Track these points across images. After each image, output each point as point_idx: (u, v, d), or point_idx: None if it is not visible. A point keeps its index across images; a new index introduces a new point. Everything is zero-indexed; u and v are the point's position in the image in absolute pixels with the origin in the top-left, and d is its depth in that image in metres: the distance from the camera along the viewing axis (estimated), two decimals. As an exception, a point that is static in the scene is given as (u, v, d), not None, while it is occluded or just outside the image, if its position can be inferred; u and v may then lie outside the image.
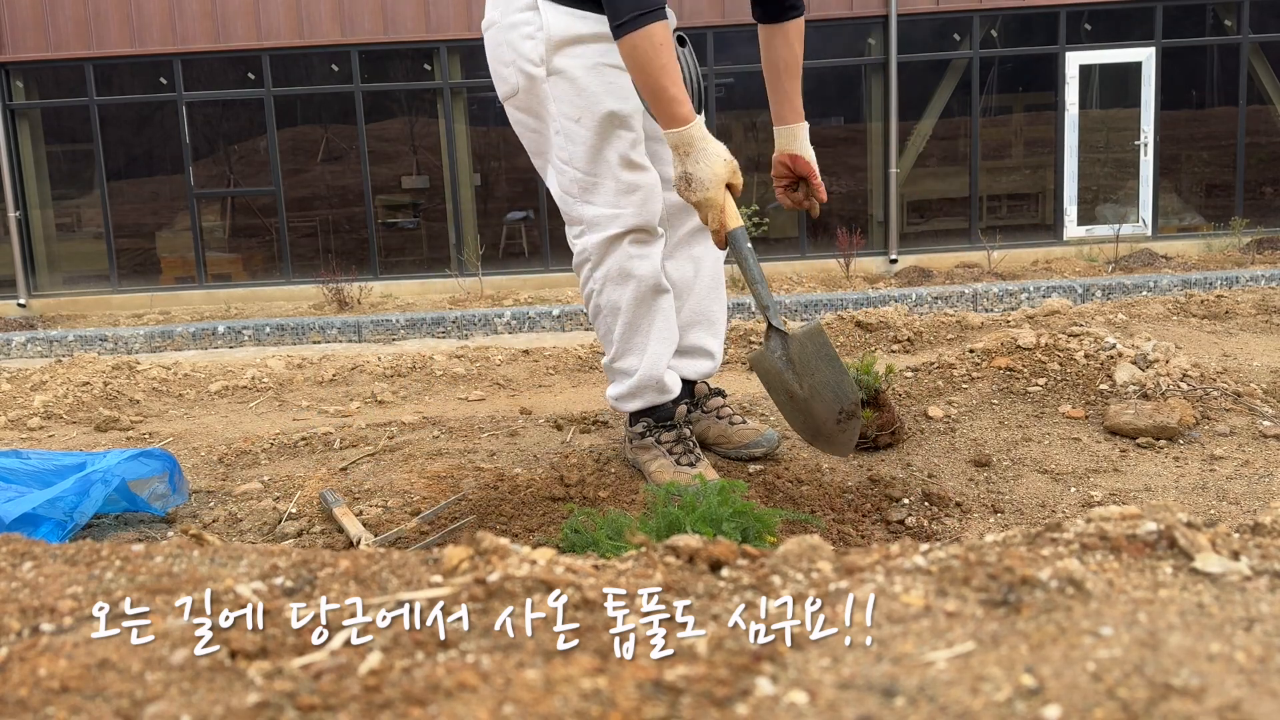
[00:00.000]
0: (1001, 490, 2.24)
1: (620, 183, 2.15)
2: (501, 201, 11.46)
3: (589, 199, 2.18)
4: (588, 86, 2.11)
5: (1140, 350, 2.94)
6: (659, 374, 2.30)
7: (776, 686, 0.69)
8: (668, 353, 2.32)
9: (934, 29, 10.84)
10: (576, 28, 2.10)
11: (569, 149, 2.16)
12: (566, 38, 2.11)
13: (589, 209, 2.18)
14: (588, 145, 2.13)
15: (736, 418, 2.39)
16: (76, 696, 0.70)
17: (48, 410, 3.58)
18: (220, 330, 8.38)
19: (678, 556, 0.90)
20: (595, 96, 2.11)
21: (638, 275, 2.21)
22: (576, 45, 2.11)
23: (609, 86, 2.11)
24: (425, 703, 0.68)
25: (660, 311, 2.29)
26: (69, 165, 11.47)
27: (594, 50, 2.11)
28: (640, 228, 2.18)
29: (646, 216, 2.17)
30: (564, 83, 2.13)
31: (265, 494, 2.36)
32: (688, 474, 2.20)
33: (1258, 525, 0.97)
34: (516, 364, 4.26)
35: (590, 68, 2.11)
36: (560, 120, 2.15)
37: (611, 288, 2.24)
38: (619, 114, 2.12)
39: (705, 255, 2.34)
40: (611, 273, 2.22)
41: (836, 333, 4.40)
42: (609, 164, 2.14)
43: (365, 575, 0.88)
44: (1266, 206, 11.24)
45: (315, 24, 10.61)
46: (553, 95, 2.15)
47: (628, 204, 2.15)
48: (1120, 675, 0.66)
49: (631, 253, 2.19)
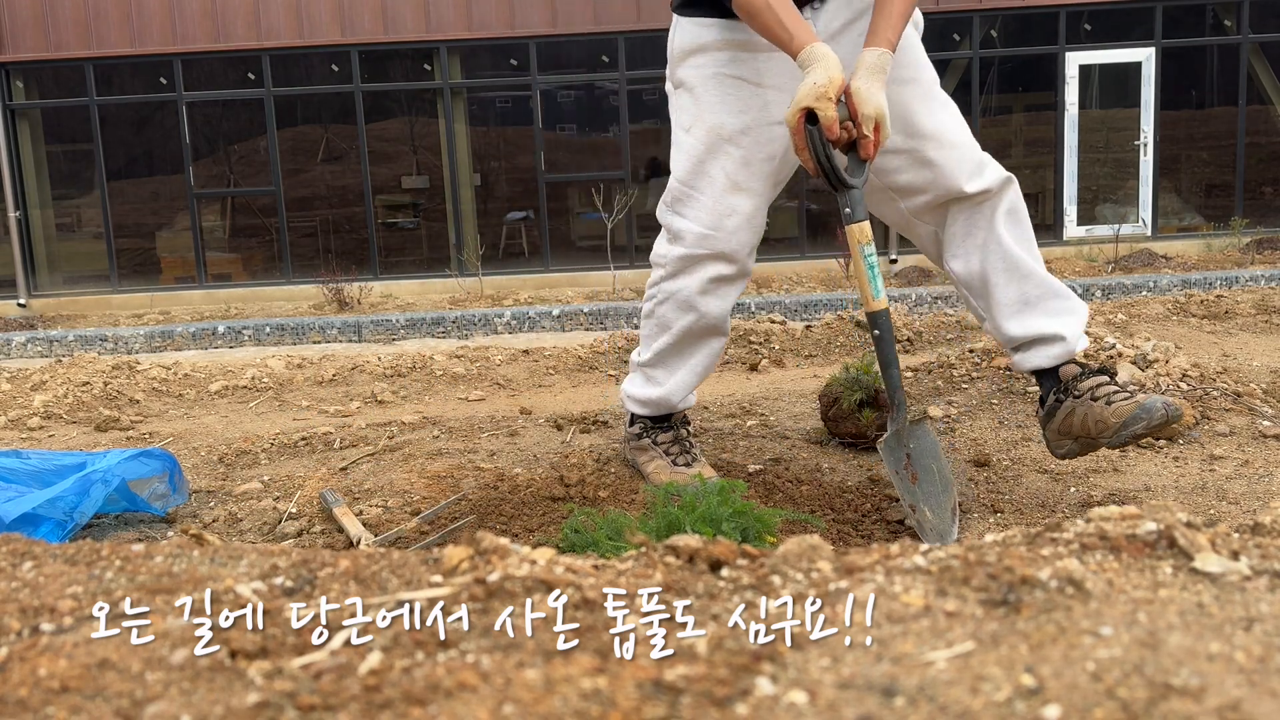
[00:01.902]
0: (1001, 490, 2.24)
1: (718, 202, 2.10)
2: (501, 201, 11.46)
3: (681, 210, 2.14)
4: (703, 96, 2.09)
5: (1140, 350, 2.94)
6: (676, 400, 2.31)
7: (776, 686, 0.69)
8: (694, 384, 2.32)
9: (934, 29, 10.82)
10: (701, 37, 2.09)
11: (677, 159, 2.15)
12: (691, 48, 2.11)
13: (679, 220, 2.14)
14: (694, 157, 2.11)
15: (1118, 394, 2.01)
16: (76, 696, 0.70)
17: (48, 410, 3.58)
18: (220, 330, 8.38)
19: (678, 556, 0.90)
20: (708, 106, 2.08)
21: (702, 311, 2.18)
22: (699, 55, 2.10)
23: (724, 98, 2.08)
24: (425, 703, 0.68)
25: (707, 349, 2.25)
26: (69, 165, 11.47)
27: (715, 59, 2.09)
28: (726, 255, 2.12)
29: (734, 245, 2.12)
30: (684, 94, 2.14)
31: (265, 494, 2.36)
32: (685, 474, 2.20)
33: (1257, 525, 0.97)
34: (516, 364, 4.26)
35: (709, 77, 2.09)
36: (676, 132, 2.16)
37: (671, 307, 2.21)
38: (728, 128, 2.07)
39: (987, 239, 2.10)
40: (679, 296, 2.18)
41: (836, 333, 4.40)
42: (711, 179, 2.10)
43: (365, 575, 0.88)
44: (1266, 206, 11.24)
45: (315, 24, 10.61)
46: (675, 107, 2.16)
47: (720, 226, 2.10)
48: (1120, 675, 0.66)
49: (708, 289, 2.16)
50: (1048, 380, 2.12)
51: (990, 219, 2.09)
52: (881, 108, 1.85)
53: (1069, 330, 2.08)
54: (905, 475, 1.98)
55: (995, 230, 2.08)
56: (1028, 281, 2.09)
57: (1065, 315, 2.10)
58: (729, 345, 4.38)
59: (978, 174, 2.06)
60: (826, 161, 1.84)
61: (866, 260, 1.92)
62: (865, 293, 1.93)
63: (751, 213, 2.12)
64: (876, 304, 1.94)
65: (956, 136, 2.07)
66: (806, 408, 2.93)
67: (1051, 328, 2.08)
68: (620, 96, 10.97)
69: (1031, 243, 2.13)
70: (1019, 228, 2.11)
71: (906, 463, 1.98)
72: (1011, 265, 2.08)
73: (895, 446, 1.99)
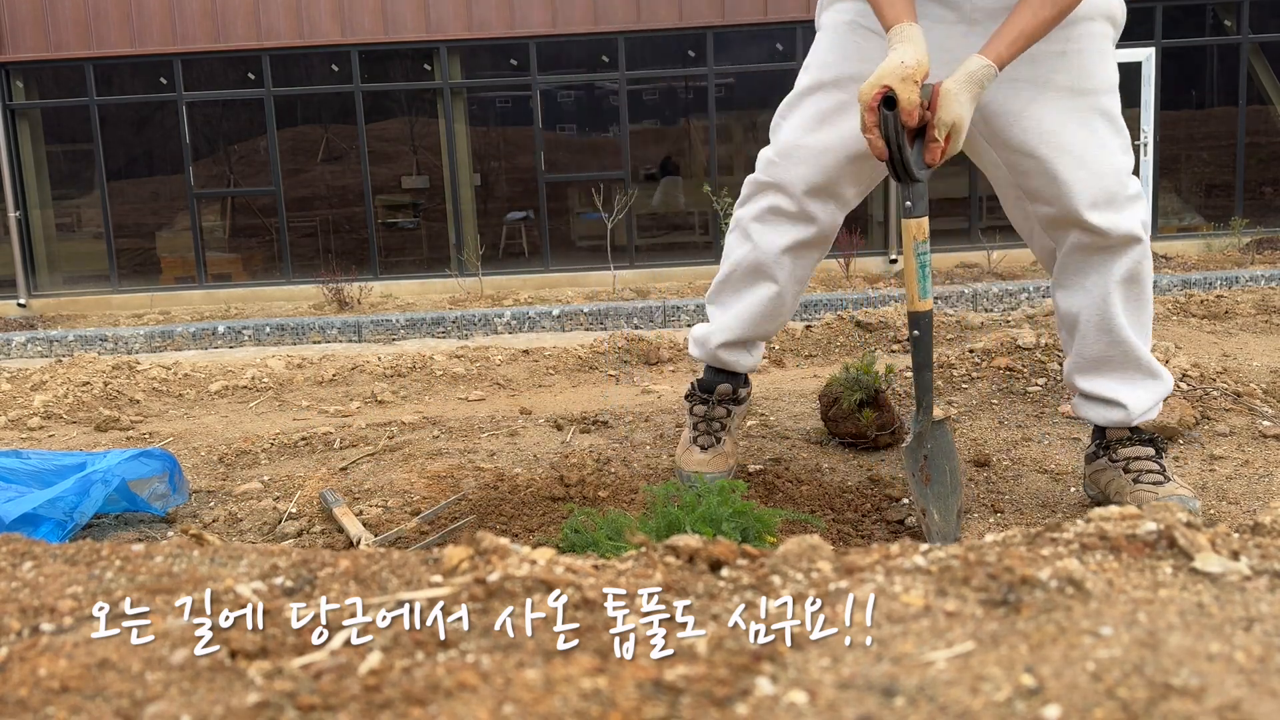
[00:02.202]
0: (1001, 490, 2.24)
1: (795, 135, 2.09)
2: (501, 201, 11.46)
3: (770, 139, 2.17)
4: (831, 39, 2.08)
5: (1140, 350, 2.93)
6: (715, 345, 2.28)
7: (776, 686, 0.69)
8: (739, 332, 2.27)
9: (934, 29, 10.82)
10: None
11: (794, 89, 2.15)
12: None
13: (763, 149, 2.18)
14: (797, 90, 2.12)
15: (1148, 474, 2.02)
16: (76, 696, 0.70)
17: (48, 410, 3.58)
18: (220, 330, 8.38)
19: (678, 556, 0.90)
20: (831, 48, 2.08)
21: (755, 242, 2.17)
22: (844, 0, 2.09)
23: (849, 44, 2.05)
24: (425, 703, 0.68)
25: (756, 294, 2.18)
26: (69, 165, 11.47)
27: (856, 8, 2.05)
28: (782, 186, 2.11)
29: (792, 178, 2.09)
30: (819, 35, 2.14)
31: (265, 494, 2.36)
32: (690, 459, 2.22)
33: (1257, 525, 0.97)
34: (516, 364, 4.26)
35: (843, 24, 2.07)
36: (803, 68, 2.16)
37: (735, 235, 2.22)
38: (840, 72, 2.04)
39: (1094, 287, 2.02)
40: (741, 223, 2.20)
41: (836, 333, 4.40)
42: (800, 113, 2.09)
43: (365, 575, 0.88)
44: (1266, 206, 11.24)
45: (315, 24, 10.61)
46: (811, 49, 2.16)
47: (787, 155, 2.10)
48: (1120, 675, 0.66)
49: (763, 218, 2.16)
50: (1098, 432, 2.13)
51: (1107, 270, 2.00)
52: (961, 119, 1.77)
53: (1134, 402, 2.05)
54: (919, 477, 1.96)
55: (1107, 285, 2.00)
56: (1116, 347, 2.03)
57: (1138, 387, 2.05)
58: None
59: (1105, 207, 1.95)
60: (897, 148, 1.78)
61: (919, 258, 1.85)
62: (912, 291, 1.87)
63: (822, 152, 2.07)
64: (922, 304, 1.88)
65: (1096, 160, 1.94)
66: (806, 408, 2.93)
67: (1117, 394, 2.05)
68: (620, 96, 10.97)
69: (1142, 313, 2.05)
70: (1135, 295, 2.02)
71: (923, 464, 1.96)
72: (1107, 327, 2.02)
73: (916, 449, 1.97)
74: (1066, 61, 1.93)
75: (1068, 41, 1.93)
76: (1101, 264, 2.00)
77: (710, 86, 10.94)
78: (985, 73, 1.79)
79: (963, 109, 1.77)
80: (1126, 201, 1.97)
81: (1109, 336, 2.02)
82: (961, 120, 1.78)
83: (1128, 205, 1.97)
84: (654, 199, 11.45)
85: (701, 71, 10.93)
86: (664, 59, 11.05)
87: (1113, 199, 1.95)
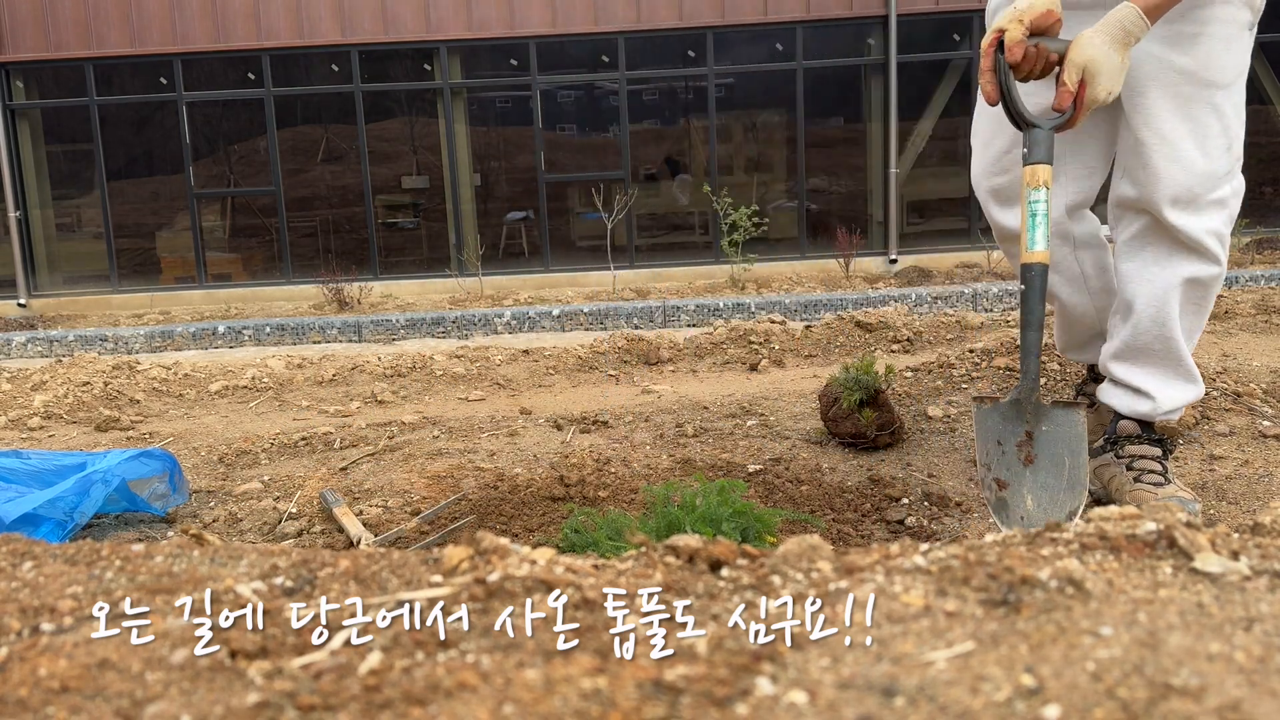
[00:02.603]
0: (1001, 490, 2.24)
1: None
2: (501, 201, 11.46)
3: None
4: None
5: (1140, 350, 2.93)
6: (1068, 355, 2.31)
7: (776, 686, 0.69)
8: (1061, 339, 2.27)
9: (934, 29, 10.84)
10: None
11: None
12: None
13: None
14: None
15: (1149, 475, 1.99)
16: (76, 696, 0.70)
17: (48, 410, 3.58)
18: (220, 330, 8.38)
19: (678, 556, 0.90)
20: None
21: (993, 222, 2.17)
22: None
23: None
24: (425, 703, 0.68)
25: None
26: (69, 165, 11.47)
27: None
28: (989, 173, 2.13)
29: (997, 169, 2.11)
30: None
31: (265, 494, 2.36)
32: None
33: (1257, 525, 0.97)
34: (516, 364, 4.26)
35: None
36: None
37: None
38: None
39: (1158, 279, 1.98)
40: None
41: (836, 333, 4.40)
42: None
43: (365, 575, 0.88)
44: (1266, 206, 11.24)
45: (315, 24, 10.61)
46: None
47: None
48: (1120, 675, 0.66)
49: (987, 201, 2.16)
50: (1112, 423, 2.10)
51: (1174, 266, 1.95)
52: (1094, 62, 1.73)
53: (1163, 397, 2.01)
54: (1013, 452, 1.82)
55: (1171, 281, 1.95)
56: (1164, 343, 1.99)
57: (1171, 385, 2.01)
58: (728, 345, 4.38)
59: (1184, 207, 1.91)
60: (1005, 89, 1.78)
61: (1030, 205, 1.79)
62: (1022, 240, 1.81)
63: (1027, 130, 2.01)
64: (1029, 255, 1.79)
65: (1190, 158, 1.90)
66: (806, 408, 2.93)
67: (1148, 386, 2.01)
68: (620, 96, 10.97)
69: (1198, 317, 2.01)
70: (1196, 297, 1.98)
71: (1024, 440, 1.81)
72: (1161, 320, 1.97)
73: (1010, 416, 1.82)
74: (1196, 45, 1.89)
75: (1203, 24, 1.89)
76: (1168, 256, 1.96)
77: (710, 86, 10.94)
78: (1127, 16, 1.74)
79: (1096, 50, 1.73)
80: (1208, 206, 1.93)
81: (1160, 330, 1.97)
82: (1095, 61, 1.74)
83: (1207, 210, 1.93)
84: (671, 197, 11.45)
85: (701, 71, 10.93)
86: (664, 59, 11.05)
87: (1194, 200, 1.92)
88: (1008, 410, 1.83)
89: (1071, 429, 1.79)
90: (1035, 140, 1.80)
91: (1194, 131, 1.91)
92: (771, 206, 11.15)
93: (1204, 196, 1.92)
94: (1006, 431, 1.83)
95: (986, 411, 1.86)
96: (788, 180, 11.37)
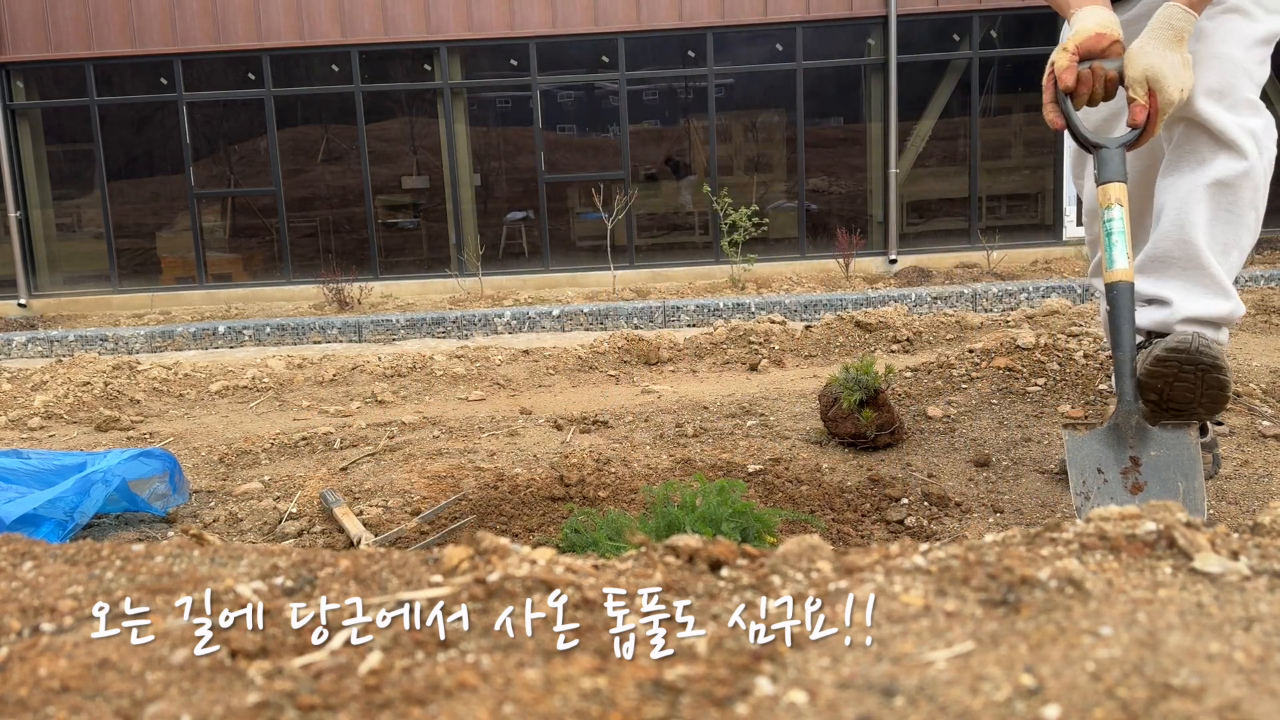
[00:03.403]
0: (1001, 490, 2.24)
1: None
2: (501, 201, 11.47)
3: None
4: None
5: (1140, 350, 2.93)
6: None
7: (776, 686, 0.69)
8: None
9: (934, 29, 10.84)
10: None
11: None
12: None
13: None
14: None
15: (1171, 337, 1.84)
16: (77, 696, 0.70)
17: (48, 410, 3.58)
18: (220, 330, 8.38)
19: (678, 556, 0.90)
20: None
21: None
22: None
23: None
24: (425, 702, 0.68)
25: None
26: (69, 165, 11.47)
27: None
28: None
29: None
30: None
31: (265, 494, 2.36)
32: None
33: (1257, 525, 0.97)
34: (516, 364, 4.26)
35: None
36: None
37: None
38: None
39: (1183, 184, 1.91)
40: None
41: (836, 333, 4.40)
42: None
43: (365, 575, 0.88)
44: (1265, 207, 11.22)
45: (315, 24, 10.61)
46: None
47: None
48: (1120, 675, 0.66)
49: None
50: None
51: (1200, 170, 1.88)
52: (1153, 69, 1.73)
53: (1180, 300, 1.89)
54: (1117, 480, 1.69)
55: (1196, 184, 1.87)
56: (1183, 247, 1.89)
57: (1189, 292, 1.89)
58: (728, 345, 4.38)
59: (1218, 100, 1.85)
60: (1067, 116, 1.81)
61: (1106, 225, 1.76)
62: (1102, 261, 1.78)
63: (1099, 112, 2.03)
64: (1111, 274, 1.75)
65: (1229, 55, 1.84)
66: (806, 408, 2.93)
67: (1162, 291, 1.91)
68: (620, 96, 10.97)
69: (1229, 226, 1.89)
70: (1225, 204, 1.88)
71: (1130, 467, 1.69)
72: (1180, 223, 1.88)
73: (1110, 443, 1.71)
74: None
75: None
76: (1198, 162, 1.90)
77: (710, 86, 10.94)
78: (1170, 13, 1.75)
79: (1151, 58, 1.75)
80: (1243, 105, 1.87)
81: (1180, 234, 1.88)
82: (1154, 68, 1.75)
83: (1243, 109, 1.87)
84: (671, 197, 11.45)
85: (701, 71, 10.93)
86: (664, 59, 11.05)
87: (1228, 93, 1.86)
88: (1107, 436, 1.72)
89: (1184, 451, 1.67)
90: (1104, 160, 1.80)
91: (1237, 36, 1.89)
92: (771, 207, 11.15)
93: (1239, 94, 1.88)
94: (1108, 459, 1.70)
95: (1082, 440, 1.74)
96: (787, 180, 11.37)
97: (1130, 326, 1.72)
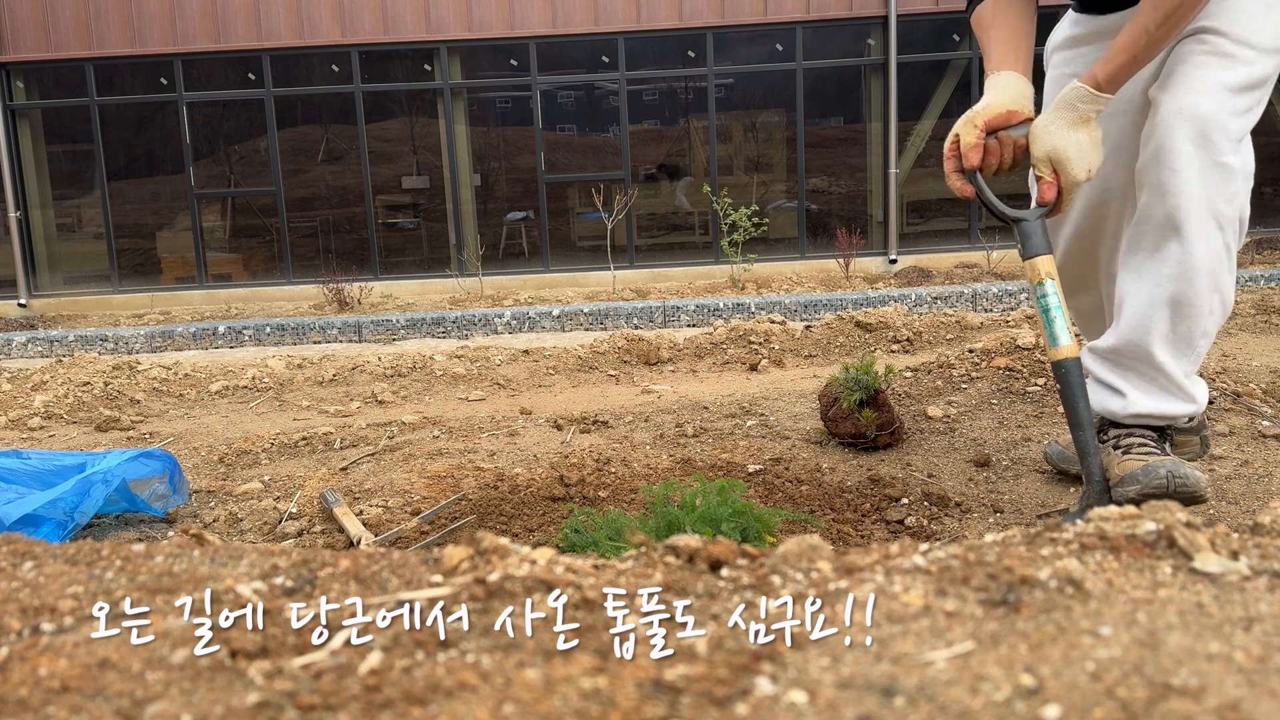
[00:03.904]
0: (1001, 490, 2.24)
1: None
2: (501, 201, 11.47)
3: None
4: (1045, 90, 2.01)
5: (1140, 350, 2.93)
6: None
7: (776, 686, 0.69)
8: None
9: (934, 29, 10.84)
10: (1063, 31, 2.06)
11: None
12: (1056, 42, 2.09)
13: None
14: None
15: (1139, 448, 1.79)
16: (77, 696, 0.70)
17: (48, 410, 3.59)
18: (221, 330, 8.38)
19: (677, 556, 0.90)
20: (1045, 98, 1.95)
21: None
22: (1056, 52, 2.08)
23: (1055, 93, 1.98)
24: (425, 702, 0.68)
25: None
26: (69, 165, 11.47)
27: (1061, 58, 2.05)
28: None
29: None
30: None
31: (265, 494, 2.36)
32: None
33: (1257, 525, 0.97)
34: (516, 364, 4.26)
35: (1053, 79, 2.06)
36: None
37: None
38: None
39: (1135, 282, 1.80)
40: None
41: (836, 333, 4.40)
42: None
43: (365, 575, 0.88)
44: (1266, 206, 11.23)
45: (315, 24, 10.61)
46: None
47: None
48: (1119, 675, 0.66)
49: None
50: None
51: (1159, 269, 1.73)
52: (1055, 149, 1.67)
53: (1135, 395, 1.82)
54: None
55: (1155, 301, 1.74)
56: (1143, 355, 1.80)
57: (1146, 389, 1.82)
58: (728, 344, 4.38)
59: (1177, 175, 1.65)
60: (978, 189, 1.77)
61: (1040, 301, 1.70)
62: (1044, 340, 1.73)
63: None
64: (1055, 352, 1.68)
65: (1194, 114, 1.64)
66: (806, 408, 2.93)
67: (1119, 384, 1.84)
68: (620, 97, 10.97)
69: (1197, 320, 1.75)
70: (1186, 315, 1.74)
71: None
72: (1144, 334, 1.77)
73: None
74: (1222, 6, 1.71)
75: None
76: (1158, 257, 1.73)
77: (710, 86, 10.94)
78: (1076, 94, 1.67)
79: (1053, 139, 1.68)
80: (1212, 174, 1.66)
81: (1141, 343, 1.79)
82: (1057, 152, 1.67)
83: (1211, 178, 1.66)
84: (671, 196, 11.45)
85: (701, 71, 10.93)
86: (664, 59, 11.05)
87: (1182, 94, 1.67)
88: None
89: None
90: (1026, 234, 1.73)
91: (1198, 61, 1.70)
92: (771, 207, 11.15)
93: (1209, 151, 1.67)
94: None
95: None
96: (787, 180, 11.37)
97: (1085, 403, 1.68)
